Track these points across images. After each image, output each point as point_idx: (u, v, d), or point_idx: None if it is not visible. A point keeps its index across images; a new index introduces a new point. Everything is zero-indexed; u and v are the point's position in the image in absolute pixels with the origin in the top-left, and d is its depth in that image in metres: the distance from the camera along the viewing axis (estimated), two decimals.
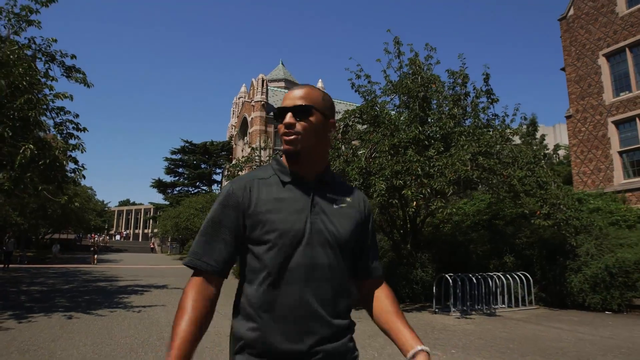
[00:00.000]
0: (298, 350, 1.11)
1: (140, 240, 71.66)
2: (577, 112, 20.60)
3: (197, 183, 54.80)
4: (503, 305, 9.82)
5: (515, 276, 10.10)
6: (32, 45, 9.91)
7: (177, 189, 55.19)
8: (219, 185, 54.05)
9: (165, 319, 7.87)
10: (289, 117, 1.20)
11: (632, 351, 5.74)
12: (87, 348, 5.53)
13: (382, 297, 1.32)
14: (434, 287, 9.63)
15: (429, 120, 10.02)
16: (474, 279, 9.61)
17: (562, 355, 5.54)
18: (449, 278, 9.17)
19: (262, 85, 38.35)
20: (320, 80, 61.03)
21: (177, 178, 55.58)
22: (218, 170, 54.75)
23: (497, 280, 9.91)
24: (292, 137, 1.20)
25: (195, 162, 54.24)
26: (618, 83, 19.04)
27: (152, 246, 53.83)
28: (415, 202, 8.72)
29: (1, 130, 7.63)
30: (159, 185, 55.96)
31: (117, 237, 70.91)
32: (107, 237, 63.21)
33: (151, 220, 68.70)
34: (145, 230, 76.44)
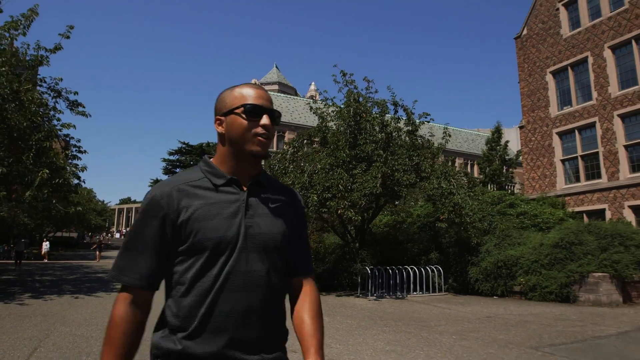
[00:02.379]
0: None
1: None
2: (528, 123, 23.24)
3: None
4: (418, 292, 12.30)
5: (429, 269, 12.58)
6: (43, 84, 12.42)
7: None
8: None
9: None
10: (268, 119, 1.17)
11: (461, 318, 8.24)
12: (87, 314, 8.15)
13: (306, 303, 1.25)
14: (359, 277, 12.15)
15: (359, 143, 12.50)
16: (390, 270, 12.13)
17: (411, 320, 8.04)
18: (368, 270, 11.70)
19: None
20: (312, 83, 63.44)
21: None
22: None
23: (412, 272, 12.39)
24: (268, 140, 1.18)
25: (192, 162, 56.72)
26: (562, 98, 21.61)
27: None
28: (339, 211, 11.18)
29: (24, 158, 10.21)
30: None
31: (117, 234, 73.61)
32: (108, 235, 66.03)
33: None
34: None
